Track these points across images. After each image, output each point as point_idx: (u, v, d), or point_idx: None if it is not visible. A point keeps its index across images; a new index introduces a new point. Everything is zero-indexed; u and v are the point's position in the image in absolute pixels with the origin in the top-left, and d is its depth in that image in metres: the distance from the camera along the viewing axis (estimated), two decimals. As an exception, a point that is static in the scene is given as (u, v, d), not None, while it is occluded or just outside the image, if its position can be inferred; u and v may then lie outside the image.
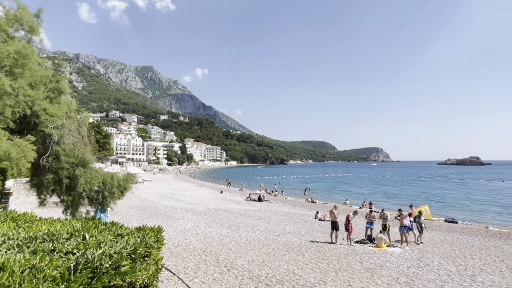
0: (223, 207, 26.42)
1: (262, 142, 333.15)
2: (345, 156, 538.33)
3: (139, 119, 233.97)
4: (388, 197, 45.36)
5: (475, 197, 44.99)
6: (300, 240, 14.48)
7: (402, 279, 9.23)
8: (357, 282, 8.69)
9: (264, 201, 32.94)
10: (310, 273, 9.29)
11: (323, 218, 21.90)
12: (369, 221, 15.39)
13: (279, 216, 22.39)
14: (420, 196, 46.97)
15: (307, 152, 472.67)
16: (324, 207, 29.00)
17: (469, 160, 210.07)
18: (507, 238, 17.93)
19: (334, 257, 11.42)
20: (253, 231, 16.03)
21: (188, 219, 19.02)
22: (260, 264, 10.00)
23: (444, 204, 37.55)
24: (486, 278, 9.81)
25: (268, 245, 12.96)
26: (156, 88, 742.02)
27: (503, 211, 31.84)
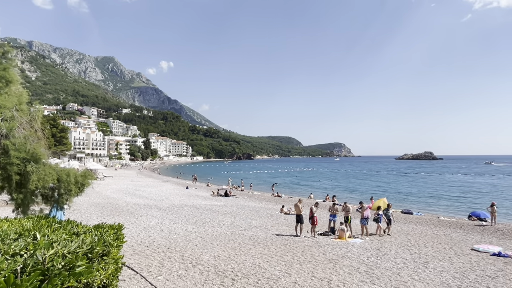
0: (188, 203, 26.03)
1: (229, 137, 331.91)
2: (310, 151, 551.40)
3: (99, 112, 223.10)
4: (350, 191, 47.19)
5: (428, 189, 48.11)
6: (266, 234, 14.64)
7: (363, 268, 9.65)
8: (320, 272, 8.95)
9: (231, 196, 32.90)
10: (275, 266, 9.42)
11: (288, 212, 22.30)
12: (332, 214, 15.90)
13: (246, 211, 22.48)
14: (379, 189, 49.36)
15: (273, 147, 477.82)
16: (289, 201, 29.53)
17: (424, 155, 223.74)
18: (455, 227, 19.37)
19: (299, 250, 11.68)
20: (219, 227, 15.96)
21: (152, 216, 18.51)
22: (226, 259, 9.98)
23: (400, 196, 39.77)
24: (437, 264, 10.53)
25: (234, 240, 12.96)
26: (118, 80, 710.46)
27: (453, 202, 34.36)
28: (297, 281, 8.11)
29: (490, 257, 12.28)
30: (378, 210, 15.80)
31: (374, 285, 8.09)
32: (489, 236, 17.30)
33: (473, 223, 20.58)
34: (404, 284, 8.29)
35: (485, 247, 13.68)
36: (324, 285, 7.90)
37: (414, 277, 9.01)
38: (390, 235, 15.55)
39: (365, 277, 8.71)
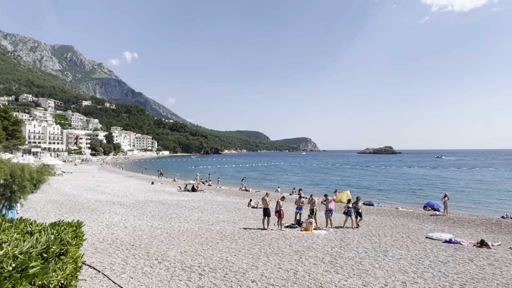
0: (154, 198, 25.39)
1: (196, 132, 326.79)
2: (277, 146, 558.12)
3: (57, 104, 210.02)
4: (315, 184, 48.48)
5: (388, 182, 50.64)
6: (233, 228, 14.67)
7: (327, 258, 9.98)
8: (287, 264, 9.14)
9: (198, 191, 32.54)
10: (243, 259, 9.48)
11: (256, 206, 22.48)
12: (298, 207, 16.24)
13: (213, 206, 22.35)
14: (343, 182, 51.18)
15: (241, 142, 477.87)
16: (257, 195, 29.76)
17: (384, 149, 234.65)
18: (412, 217, 20.59)
19: (266, 243, 11.83)
20: (186, 222, 15.74)
21: (115, 213, 17.85)
22: (193, 254, 9.88)
23: (362, 188, 41.51)
24: (395, 252, 11.14)
25: (201, 234, 12.85)
26: (78, 70, 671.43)
27: (410, 194, 36.46)
28: (264, 273, 8.22)
29: (442, 244, 13.21)
30: (348, 203, 16.14)
31: (338, 274, 8.40)
32: (441, 224, 18.58)
33: (428, 213, 21.96)
34: (366, 272, 8.69)
35: (438, 235, 14.68)
36: (291, 276, 8.08)
37: (375, 265, 9.47)
38: (359, 227, 15.99)
39: (329, 267, 9.02)
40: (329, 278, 8.03)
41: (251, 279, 7.78)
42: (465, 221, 19.26)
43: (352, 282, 7.85)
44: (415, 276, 8.54)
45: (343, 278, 8.08)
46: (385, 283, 7.84)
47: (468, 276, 8.82)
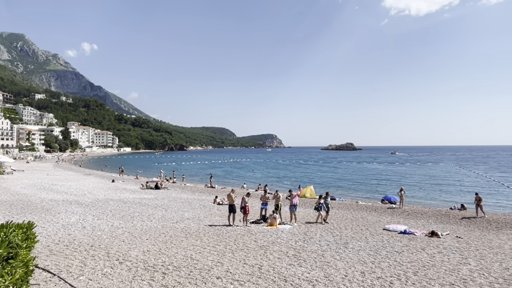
0: (115, 197, 24.42)
1: (160, 127, 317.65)
2: (243, 142, 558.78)
3: (6, 97, 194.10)
4: (280, 180, 49.27)
5: (349, 177, 52.73)
6: (198, 225, 14.52)
7: (291, 252, 10.21)
8: (252, 259, 9.23)
9: (162, 188, 31.77)
10: (208, 256, 9.43)
11: (221, 202, 22.41)
12: (264, 202, 16.43)
13: (178, 203, 21.96)
14: (307, 177, 52.51)
15: (207, 138, 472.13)
16: (222, 192, 29.66)
17: (345, 146, 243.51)
18: (371, 210, 21.62)
19: (231, 239, 11.85)
20: (149, 220, 15.33)
21: (73, 212, 16.95)
22: (157, 253, 9.66)
23: (325, 183, 42.87)
24: (355, 244, 11.66)
25: (165, 233, 12.59)
26: (30, 61, 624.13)
27: (369, 188, 38.23)
28: (229, 270, 8.24)
29: (398, 235, 14.03)
30: (319, 199, 16.16)
31: (301, 267, 8.63)
32: (397, 217, 19.71)
33: (385, 206, 23.18)
34: (327, 264, 9.01)
35: (394, 227, 15.56)
36: (255, 271, 8.17)
37: (336, 257, 9.85)
38: (328, 222, 16.19)
39: (293, 261, 9.24)
40: (293, 271, 8.23)
41: (216, 276, 7.77)
42: (418, 213, 20.59)
43: (314, 274, 8.11)
44: (373, 266, 9.00)
45: (306, 271, 8.32)
46: (345, 274, 8.18)
47: (420, 264, 9.45)
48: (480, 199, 19.31)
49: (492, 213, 21.34)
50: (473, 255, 10.75)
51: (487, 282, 7.98)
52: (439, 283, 7.78)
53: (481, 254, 11.01)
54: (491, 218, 19.03)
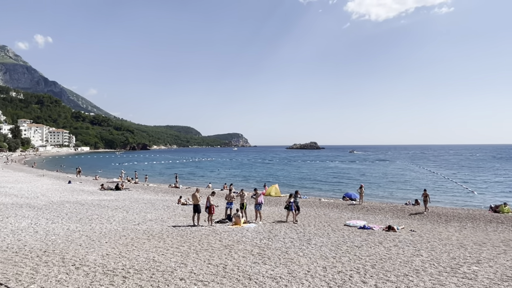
0: (71, 199, 23.12)
1: (121, 126, 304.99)
2: (209, 141, 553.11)
3: None
4: (245, 178, 49.45)
5: (312, 175, 54.16)
6: (162, 226, 14.18)
7: (256, 250, 10.29)
8: (216, 259, 9.18)
9: (123, 189, 30.58)
10: (171, 258, 9.24)
11: (186, 203, 22.03)
12: (229, 202, 16.39)
13: (140, 204, 21.27)
14: (271, 176, 53.17)
15: (171, 137, 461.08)
16: (187, 192, 29.18)
17: (309, 145, 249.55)
18: (333, 207, 22.37)
19: (196, 239, 11.70)
20: (108, 223, 14.69)
21: (23, 216, 15.80)
22: (117, 256, 9.30)
23: (289, 182, 43.70)
24: (318, 240, 12.01)
25: (126, 235, 12.15)
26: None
27: (331, 186, 39.53)
28: (193, 270, 8.14)
29: (357, 230, 14.65)
30: (290, 198, 15.97)
31: (265, 265, 8.73)
32: (357, 212, 20.58)
33: (346, 203, 24.10)
34: (291, 261, 9.20)
35: (354, 222, 16.23)
36: (220, 271, 8.14)
37: (299, 253, 10.08)
38: (297, 221, 16.16)
39: (258, 259, 9.33)
40: (257, 269, 8.31)
41: (179, 277, 7.64)
42: (377, 209, 21.65)
43: (278, 271, 8.24)
44: (334, 261, 9.33)
45: (270, 268, 8.44)
46: (308, 270, 8.41)
47: (378, 257, 9.95)
48: (427, 195, 20.63)
49: (441, 207, 22.97)
50: (425, 247, 11.50)
51: (437, 272, 8.58)
52: (395, 274, 8.24)
53: (432, 245, 11.82)
54: (440, 212, 20.48)
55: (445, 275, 8.32)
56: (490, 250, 11.42)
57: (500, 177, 46.99)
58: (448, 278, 8.07)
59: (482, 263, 9.54)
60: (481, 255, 10.53)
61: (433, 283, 7.66)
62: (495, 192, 33.27)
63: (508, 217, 18.89)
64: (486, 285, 7.60)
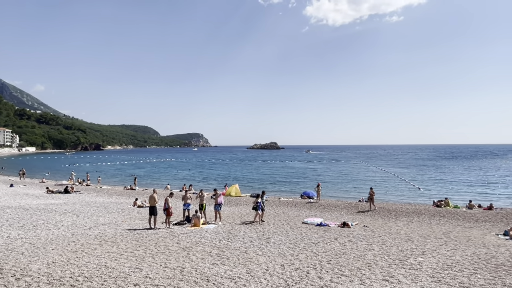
0: (14, 203, 21.23)
1: (72, 125, 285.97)
2: (168, 142, 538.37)
3: None
4: (206, 179, 48.84)
5: (272, 174, 54.92)
6: (115, 230, 13.50)
7: (215, 251, 10.17)
8: (173, 262, 8.92)
9: (73, 192, 28.73)
10: (125, 263, 8.81)
11: (142, 205, 21.25)
12: (186, 203, 16.06)
13: (92, 208, 20.10)
14: (232, 176, 53.07)
15: (127, 137, 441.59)
16: (144, 193, 28.15)
17: (270, 145, 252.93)
18: (291, 206, 22.85)
19: (152, 242, 11.30)
20: (56, 228, 13.69)
21: (-46, 224, 14.19)
22: (64, 264, 8.67)
23: (250, 181, 43.92)
24: (277, 239, 12.17)
25: (76, 241, 11.39)
26: None
27: (290, 185, 40.37)
28: (148, 275, 7.83)
29: (315, 227, 15.09)
30: (257, 198, 15.84)
31: (224, 266, 8.65)
32: (315, 210, 21.22)
33: (304, 201, 24.74)
34: (250, 260, 9.21)
35: (311, 220, 16.70)
36: (177, 274, 7.92)
37: (258, 252, 10.14)
38: (264, 221, 16.17)
39: (217, 260, 9.22)
40: (216, 271, 8.21)
41: (133, 283, 7.30)
42: (333, 206, 22.49)
43: (237, 271, 8.20)
44: (292, 258, 9.50)
45: (229, 269, 8.38)
46: (266, 268, 8.47)
47: (333, 253, 10.31)
48: (373, 193, 21.24)
49: (391, 204, 24.46)
50: (377, 241, 12.14)
51: (387, 264, 9.08)
52: (349, 268, 8.58)
53: (383, 240, 12.51)
54: (390, 208, 21.77)
55: (394, 267, 8.83)
56: (433, 242, 12.35)
57: (442, 175, 51.10)
58: (397, 269, 8.58)
59: (426, 254, 10.27)
60: (425, 247, 11.34)
61: (384, 275, 8.09)
62: (438, 188, 36.12)
63: (448, 211, 20.60)
64: (429, 274, 8.18)
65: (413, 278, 7.87)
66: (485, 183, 40.18)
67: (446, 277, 7.99)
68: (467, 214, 19.68)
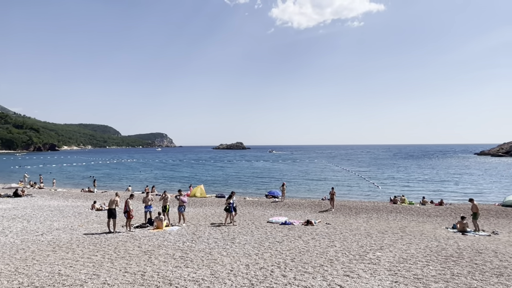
0: (-47, 209, 19.29)
1: (24, 124, 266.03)
2: (130, 142, 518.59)
3: None
4: (170, 180, 47.68)
5: (237, 174, 54.85)
6: (71, 235, 12.73)
7: (178, 254, 9.92)
8: (134, 267, 8.58)
9: (24, 195, 26.72)
10: (81, 269, 8.33)
11: (101, 208, 20.26)
12: (147, 205, 15.55)
13: (45, 212, 18.82)
14: (197, 176, 52.30)
15: (85, 137, 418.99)
16: (103, 196, 26.88)
17: (236, 145, 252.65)
18: (257, 205, 22.95)
19: (111, 247, 10.79)
20: (3, 235, 12.63)
21: None
22: (12, 273, 8.01)
23: (215, 182, 43.54)
24: (242, 239, 12.14)
25: (26, 248, 10.58)
26: None
27: (255, 184, 40.57)
28: (107, 281, 7.45)
29: (279, 226, 15.27)
30: (229, 199, 15.43)
31: (188, 268, 8.47)
32: (279, 209, 21.48)
33: (269, 201, 24.97)
34: (214, 261, 9.09)
35: (276, 219, 16.88)
36: (137, 279, 7.62)
37: (223, 253, 10.04)
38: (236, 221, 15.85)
39: (180, 262, 9.00)
40: (179, 274, 8.01)
41: (90, 290, 6.92)
42: (297, 205, 22.90)
43: (201, 273, 8.06)
44: (257, 258, 9.52)
45: (192, 271, 8.21)
46: (231, 269, 8.41)
47: (297, 250, 10.48)
48: (334, 194, 21.45)
49: (352, 201, 25.41)
50: (338, 238, 12.54)
51: (348, 260, 9.39)
52: (312, 265, 8.77)
53: (344, 236, 12.94)
54: (351, 205, 22.60)
55: (355, 262, 9.16)
56: (390, 237, 12.99)
57: (399, 173, 54.02)
58: (357, 264, 8.91)
59: (384, 249, 10.77)
60: (383, 242, 11.90)
61: (344, 270, 8.36)
62: (395, 186, 38.12)
63: (404, 207, 21.80)
64: (387, 268, 8.58)
65: (372, 272, 8.20)
66: (438, 181, 43.07)
67: (401, 270, 8.42)
68: (420, 209, 20.95)
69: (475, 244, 11.81)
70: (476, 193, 31.47)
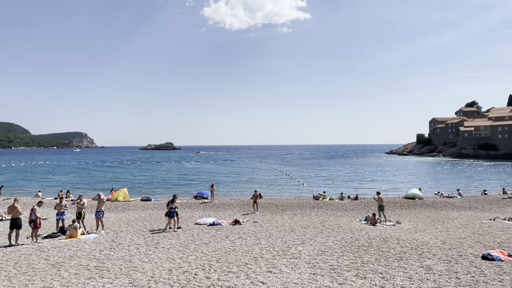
0: None
1: None
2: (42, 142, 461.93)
3: None
4: (88, 184, 43.74)
5: (165, 176, 52.86)
6: (-43, 252, 10.75)
7: (93, 264, 9.09)
8: (38, 283, 7.57)
9: None
10: (-33, 292, 7.08)
11: (1, 218, 17.60)
12: (59, 212, 14.01)
13: None
14: (120, 179, 48.95)
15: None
16: (4, 204, 23.36)
17: (165, 145, 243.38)
18: (185, 207, 22.34)
19: (11, 262, 9.41)
20: None
21: None
22: None
23: (140, 184, 41.28)
24: (166, 243, 11.67)
25: None
26: None
27: (184, 186, 39.56)
28: (1, 303, 6.46)
29: (207, 227, 15.08)
30: (172, 204, 14.30)
31: (103, 279, 7.81)
32: (209, 210, 21.26)
33: (198, 202, 24.54)
34: (134, 269, 8.55)
35: (204, 220, 16.65)
36: (41, 296, 6.76)
37: (145, 259, 9.51)
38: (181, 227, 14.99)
39: (94, 273, 8.25)
40: (92, 286, 7.32)
41: (-22, 315, 5.91)
42: (226, 205, 22.94)
43: (118, 282, 7.50)
44: (181, 262, 9.23)
45: (108, 281, 7.58)
46: (152, 275, 7.99)
47: (223, 251, 10.46)
48: (257, 196, 20.78)
49: (279, 199, 26.43)
50: (264, 235, 12.87)
51: (271, 256, 9.69)
52: (236, 265, 8.82)
53: (270, 233, 13.34)
54: (278, 203, 23.48)
55: (278, 258, 9.49)
56: (312, 231, 13.81)
57: (322, 172, 57.98)
58: (280, 260, 9.24)
59: (305, 243, 11.39)
60: (305, 236, 12.58)
61: (268, 267, 8.60)
62: (318, 183, 40.81)
63: (325, 203, 23.42)
64: (307, 261, 9.08)
65: (293, 267, 8.59)
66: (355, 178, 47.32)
67: (319, 262, 8.99)
68: (339, 204, 22.75)
69: (383, 233, 13.22)
70: (390, 189, 35.40)
